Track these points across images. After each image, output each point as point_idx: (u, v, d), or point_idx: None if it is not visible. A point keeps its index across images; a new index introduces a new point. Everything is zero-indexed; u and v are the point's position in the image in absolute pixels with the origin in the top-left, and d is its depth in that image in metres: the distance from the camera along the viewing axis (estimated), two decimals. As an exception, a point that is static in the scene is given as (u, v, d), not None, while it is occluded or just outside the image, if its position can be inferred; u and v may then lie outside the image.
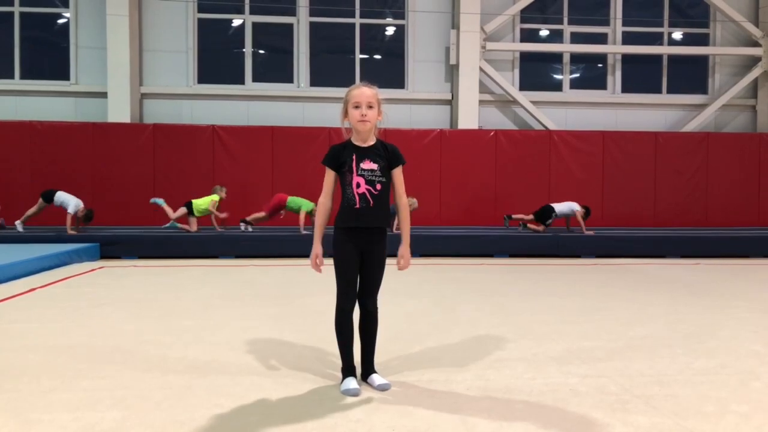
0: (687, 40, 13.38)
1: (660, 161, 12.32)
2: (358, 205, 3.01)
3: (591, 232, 10.22)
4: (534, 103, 12.65)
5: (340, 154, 3.08)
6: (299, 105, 12.48)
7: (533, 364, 3.54)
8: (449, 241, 9.72)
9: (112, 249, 9.28)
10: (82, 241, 9.15)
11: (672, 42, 13.37)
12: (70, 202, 9.67)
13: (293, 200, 9.87)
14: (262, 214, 10.13)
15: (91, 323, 4.61)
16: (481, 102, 12.49)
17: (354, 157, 3.04)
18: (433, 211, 10.95)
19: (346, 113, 3.08)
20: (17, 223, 9.85)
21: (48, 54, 12.49)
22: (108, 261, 8.83)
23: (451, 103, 12.74)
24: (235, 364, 3.52)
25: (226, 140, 11.65)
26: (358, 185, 3.02)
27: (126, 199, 11.39)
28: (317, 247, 3.07)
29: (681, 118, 13.14)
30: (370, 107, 3.02)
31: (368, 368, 3.17)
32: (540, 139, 12.23)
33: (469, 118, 12.31)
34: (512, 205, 11.67)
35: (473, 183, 11.97)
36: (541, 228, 10.29)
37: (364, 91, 3.03)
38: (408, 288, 6.04)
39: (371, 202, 3.03)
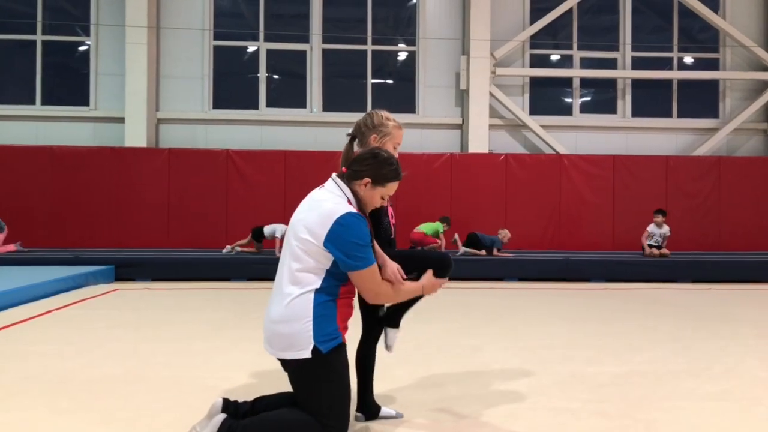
0: (697, 65, 13.46)
1: (671, 185, 12.32)
2: (393, 236, 2.97)
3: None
4: (544, 127, 12.75)
5: None
6: (312, 130, 12.68)
7: (537, 388, 3.59)
8: (459, 264, 9.72)
9: (126, 271, 9.43)
10: (98, 264, 9.31)
11: (682, 66, 13.45)
12: (277, 229, 10.16)
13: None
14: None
15: (106, 345, 4.72)
16: (492, 126, 12.61)
17: None
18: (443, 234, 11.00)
19: (375, 139, 2.94)
20: (228, 248, 10.60)
21: (68, 81, 12.82)
22: (122, 283, 8.98)
23: (462, 127, 12.88)
24: (244, 386, 3.60)
25: (239, 164, 11.85)
26: (392, 215, 2.99)
27: (141, 222, 11.59)
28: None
29: (692, 142, 13.16)
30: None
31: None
32: (550, 163, 12.30)
33: (479, 143, 12.43)
34: (522, 230, 11.70)
35: (483, 207, 12.03)
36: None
37: (402, 134, 3.01)
38: (414, 313, 6.07)
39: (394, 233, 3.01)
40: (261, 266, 9.46)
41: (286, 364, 2.42)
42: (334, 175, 2.59)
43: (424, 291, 2.70)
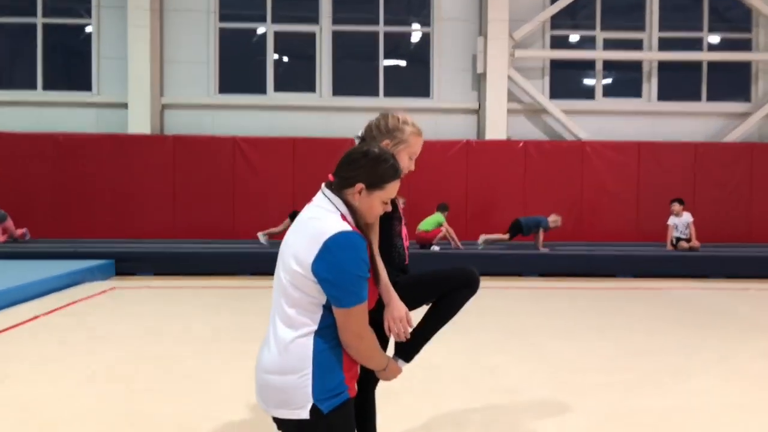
0: (728, 46, 12.70)
1: (699, 174, 11.67)
2: (407, 261, 2.48)
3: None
4: (565, 112, 12.11)
5: None
6: (322, 115, 12.15)
7: (572, 427, 3.09)
8: (475, 260, 9.22)
9: (127, 265, 9.04)
10: (97, 257, 8.92)
11: (712, 47, 12.71)
12: None
13: None
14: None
15: (84, 364, 4.28)
16: (510, 111, 12.00)
17: (399, 203, 2.48)
18: (458, 226, 10.50)
19: (388, 145, 2.38)
20: (259, 235, 9.95)
21: (70, 65, 12.39)
22: (122, 279, 8.58)
23: (478, 112, 12.28)
24: (233, 424, 3.14)
25: (247, 152, 11.38)
26: (406, 237, 2.50)
27: (146, 212, 11.20)
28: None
29: (722, 128, 12.45)
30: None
31: None
32: (572, 150, 11.70)
33: (496, 129, 11.83)
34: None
35: (501, 197, 11.49)
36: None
37: (422, 143, 2.48)
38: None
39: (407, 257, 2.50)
40: (268, 262, 9.01)
41: (280, 423, 1.96)
42: (323, 185, 2.05)
43: (383, 372, 2.16)
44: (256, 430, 3.08)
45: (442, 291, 2.36)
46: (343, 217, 1.94)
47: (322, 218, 1.92)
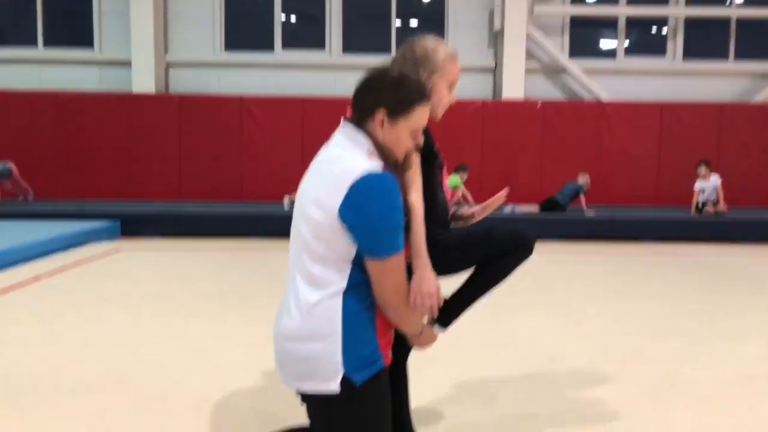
0: (757, 1, 12.09)
1: (725, 136, 11.22)
2: (450, 215, 2.17)
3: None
4: (585, 71, 11.61)
5: (428, 137, 2.02)
6: (331, 74, 11.70)
7: (623, 402, 2.78)
8: (491, 222, 8.89)
9: (133, 227, 8.76)
10: (103, 218, 8.64)
11: (740, 3, 12.10)
12: None
13: None
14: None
15: (87, 329, 4.00)
16: (528, 71, 11.51)
17: (437, 148, 2.11)
18: (473, 189, 10.15)
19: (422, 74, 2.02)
20: (286, 198, 9.66)
21: (71, 21, 11.93)
22: (128, 241, 8.30)
23: (495, 71, 11.79)
24: (244, 397, 2.86)
25: (254, 111, 11.00)
26: (448, 190, 2.16)
27: (151, 173, 10.91)
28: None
29: (750, 88, 11.93)
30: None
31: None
32: (592, 112, 11.25)
33: (514, 88, 11.36)
34: (560, 184, 10.76)
35: (518, 159, 11.09)
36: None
37: (458, 69, 2.10)
38: (447, 283, 5.30)
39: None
40: (277, 223, 8.72)
41: (304, 397, 1.68)
42: (342, 120, 1.72)
43: (417, 338, 1.87)
44: (271, 398, 2.80)
45: (489, 255, 2.02)
46: (370, 154, 1.63)
47: (345, 157, 1.60)
